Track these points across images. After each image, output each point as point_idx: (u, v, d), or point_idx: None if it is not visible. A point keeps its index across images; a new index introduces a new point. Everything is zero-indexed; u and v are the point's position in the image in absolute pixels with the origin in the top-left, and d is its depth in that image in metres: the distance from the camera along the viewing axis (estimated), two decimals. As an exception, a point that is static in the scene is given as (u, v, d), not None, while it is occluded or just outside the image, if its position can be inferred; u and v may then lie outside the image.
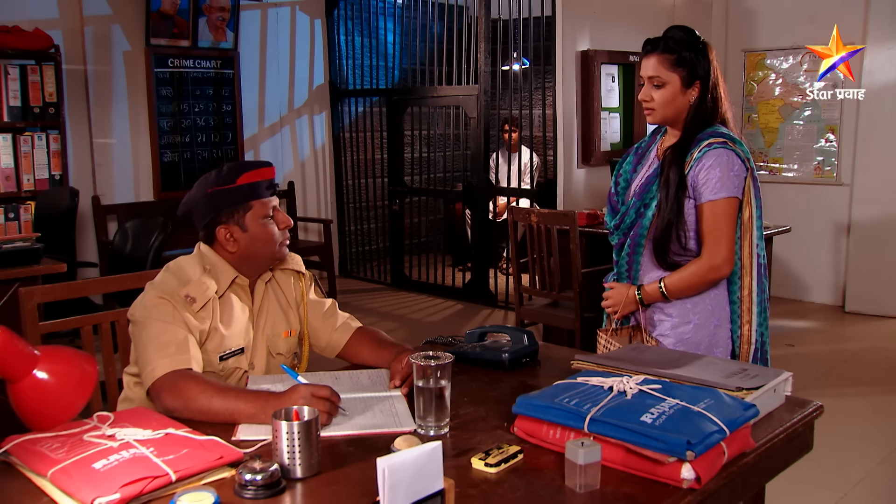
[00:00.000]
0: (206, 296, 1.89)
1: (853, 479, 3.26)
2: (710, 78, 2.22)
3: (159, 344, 1.78)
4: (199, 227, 2.00)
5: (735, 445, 1.43)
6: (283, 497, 1.32)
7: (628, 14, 5.94)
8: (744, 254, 2.22)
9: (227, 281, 1.95)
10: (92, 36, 5.49)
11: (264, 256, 1.99)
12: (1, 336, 1.44)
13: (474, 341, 2.13)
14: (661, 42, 2.22)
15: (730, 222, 2.17)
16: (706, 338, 2.23)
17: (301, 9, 6.80)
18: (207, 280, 1.92)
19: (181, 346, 1.78)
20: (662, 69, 2.21)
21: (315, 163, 7.04)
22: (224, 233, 1.95)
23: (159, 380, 1.73)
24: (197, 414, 1.66)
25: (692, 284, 2.21)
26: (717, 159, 2.15)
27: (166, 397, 1.70)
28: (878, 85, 5.65)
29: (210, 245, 2.00)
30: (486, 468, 1.39)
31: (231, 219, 1.95)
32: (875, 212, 5.75)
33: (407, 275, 6.89)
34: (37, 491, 1.34)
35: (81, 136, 5.46)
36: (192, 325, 1.84)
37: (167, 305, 1.83)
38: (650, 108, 2.25)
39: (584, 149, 5.79)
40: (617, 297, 2.32)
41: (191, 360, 1.78)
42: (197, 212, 1.99)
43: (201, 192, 1.98)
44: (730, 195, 2.16)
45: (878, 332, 5.45)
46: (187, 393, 1.68)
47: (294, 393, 1.62)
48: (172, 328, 1.80)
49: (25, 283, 3.12)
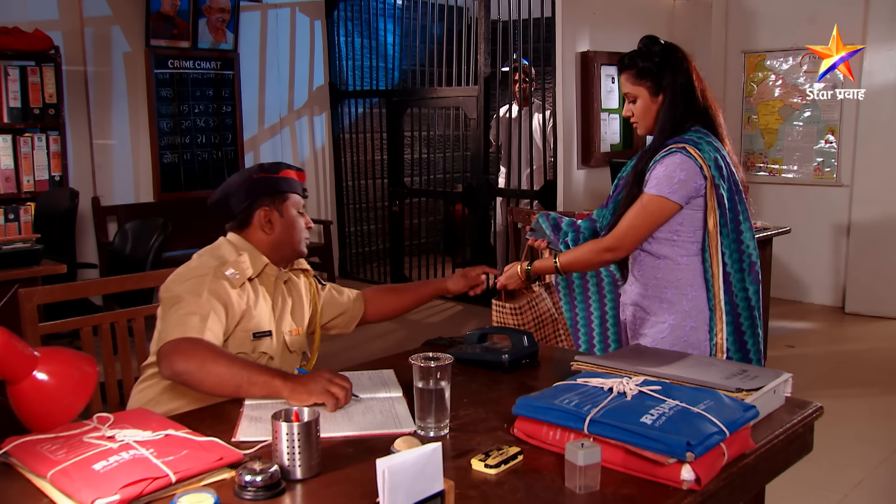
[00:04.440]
0: (245, 273, 1.99)
1: (853, 480, 3.26)
2: (676, 81, 2.22)
3: (181, 315, 1.82)
4: (237, 210, 2.09)
5: (735, 447, 1.43)
6: (283, 498, 1.32)
7: (628, 15, 5.94)
8: (712, 263, 2.22)
9: (259, 266, 2.04)
10: (92, 37, 5.49)
11: (291, 247, 2.11)
12: (1, 337, 1.44)
13: (474, 342, 2.13)
14: (626, 58, 2.27)
15: (647, 217, 2.18)
16: (681, 339, 2.24)
17: (301, 10, 6.81)
18: (244, 259, 2.01)
19: (203, 318, 1.82)
20: (630, 84, 2.26)
21: (315, 164, 7.04)
22: (263, 215, 2.07)
23: (172, 342, 1.75)
24: (207, 376, 1.69)
25: (587, 261, 2.31)
26: (668, 159, 2.17)
27: (176, 359, 1.72)
28: (877, 86, 5.66)
29: (241, 231, 2.09)
30: (486, 469, 1.39)
31: (272, 203, 2.09)
32: (875, 213, 5.75)
33: (407, 276, 6.88)
34: (37, 492, 1.34)
35: (81, 137, 5.45)
36: (229, 299, 1.90)
37: (201, 282, 1.89)
38: (634, 122, 2.32)
39: (584, 150, 5.79)
40: (508, 274, 2.43)
41: (207, 332, 1.79)
42: (237, 195, 2.08)
43: (243, 178, 2.11)
44: (660, 194, 2.16)
45: (878, 334, 5.45)
46: (201, 355, 1.71)
47: (316, 374, 1.70)
48: (199, 303, 1.84)
49: (25, 285, 3.11)
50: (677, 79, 2.22)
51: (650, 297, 2.29)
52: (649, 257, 2.27)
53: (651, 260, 2.27)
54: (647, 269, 2.28)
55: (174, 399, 1.93)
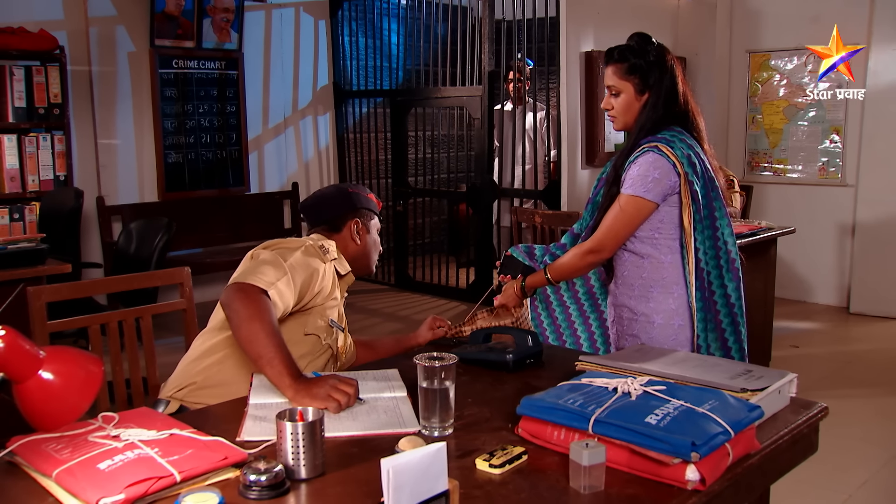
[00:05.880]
0: (331, 254, 2.10)
1: (858, 480, 3.25)
2: (662, 82, 2.22)
3: (260, 264, 1.90)
4: (330, 215, 2.24)
5: (740, 447, 1.43)
6: (288, 498, 1.32)
7: (632, 15, 5.93)
8: (688, 259, 2.22)
9: (344, 270, 2.18)
10: (96, 37, 5.50)
11: (367, 263, 2.27)
12: (7, 336, 1.45)
13: (478, 342, 2.13)
14: (616, 51, 2.27)
15: (625, 217, 2.19)
16: (670, 338, 2.25)
17: (305, 10, 6.81)
18: (333, 249, 2.14)
19: (279, 276, 1.88)
20: (616, 78, 2.26)
21: (319, 164, 7.05)
22: (354, 226, 2.23)
23: (242, 283, 1.82)
24: (247, 328, 1.74)
25: (573, 266, 2.30)
26: (642, 159, 2.19)
27: (237, 297, 1.79)
28: (882, 85, 5.64)
29: (329, 234, 2.21)
30: (491, 469, 1.39)
31: (364, 217, 2.26)
32: (880, 213, 5.74)
33: (411, 275, 6.89)
34: (42, 491, 1.35)
35: (86, 136, 5.47)
36: (317, 270, 1.99)
37: (291, 251, 1.98)
38: (612, 115, 2.32)
39: (588, 150, 5.79)
40: (505, 293, 2.44)
41: (273, 290, 1.84)
42: (335, 202, 2.25)
43: (338, 189, 2.31)
44: (636, 194, 2.17)
45: (882, 334, 5.44)
46: (256, 308, 1.76)
47: (322, 379, 1.72)
48: (282, 264, 1.91)
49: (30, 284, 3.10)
50: (664, 80, 2.23)
51: (636, 298, 2.29)
52: (633, 257, 2.28)
53: (635, 259, 2.28)
54: (632, 270, 2.29)
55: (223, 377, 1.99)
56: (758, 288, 4.21)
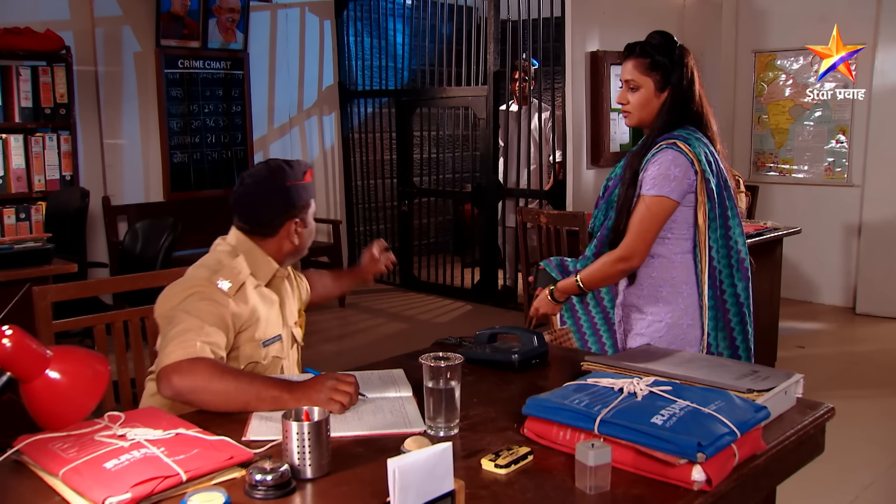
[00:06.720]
0: (238, 279, 1.89)
1: (864, 481, 3.24)
2: (683, 82, 2.22)
3: (178, 333, 1.75)
4: (265, 219, 1.99)
5: (746, 447, 1.42)
6: (294, 497, 1.32)
7: (638, 15, 5.93)
8: (701, 257, 2.22)
9: (268, 273, 2.00)
10: (103, 37, 5.51)
11: (303, 251, 2.07)
12: (13, 336, 1.45)
13: (484, 342, 2.13)
14: (638, 46, 2.25)
15: (652, 219, 2.18)
16: (679, 337, 2.24)
17: (310, 10, 6.82)
18: (238, 263, 1.93)
19: (201, 334, 1.75)
20: (637, 73, 2.24)
21: (324, 163, 7.06)
22: (293, 226, 2.00)
23: (172, 364, 1.68)
24: (213, 395, 1.64)
25: (604, 274, 2.28)
26: (661, 157, 2.17)
27: (178, 379, 1.65)
28: (888, 85, 5.63)
29: (258, 238, 2.00)
30: (497, 469, 1.39)
31: (303, 213, 2.02)
32: (886, 213, 5.72)
33: (416, 275, 6.89)
34: (48, 490, 1.35)
35: (92, 136, 5.48)
36: (226, 311, 1.83)
37: (193, 298, 1.82)
38: (627, 111, 2.30)
39: (594, 150, 5.78)
40: (538, 300, 2.42)
41: (207, 349, 1.73)
42: (271, 203, 1.98)
43: (273, 184, 1.98)
44: (660, 194, 2.16)
45: (889, 334, 5.42)
46: (205, 373, 1.65)
47: (319, 381, 1.67)
48: (194, 320, 1.77)
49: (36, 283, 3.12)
50: (684, 80, 2.22)
51: (645, 297, 2.29)
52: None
53: (646, 259, 2.27)
54: (642, 269, 2.28)
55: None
56: (764, 288, 4.20)
